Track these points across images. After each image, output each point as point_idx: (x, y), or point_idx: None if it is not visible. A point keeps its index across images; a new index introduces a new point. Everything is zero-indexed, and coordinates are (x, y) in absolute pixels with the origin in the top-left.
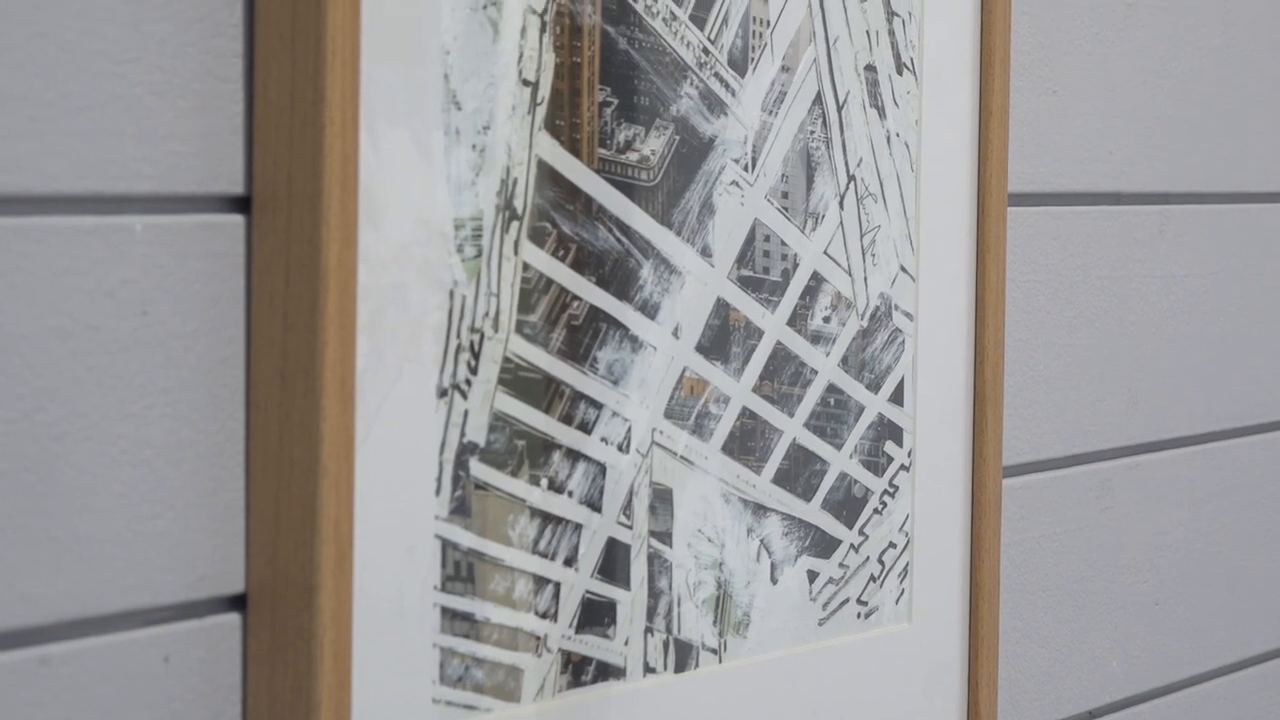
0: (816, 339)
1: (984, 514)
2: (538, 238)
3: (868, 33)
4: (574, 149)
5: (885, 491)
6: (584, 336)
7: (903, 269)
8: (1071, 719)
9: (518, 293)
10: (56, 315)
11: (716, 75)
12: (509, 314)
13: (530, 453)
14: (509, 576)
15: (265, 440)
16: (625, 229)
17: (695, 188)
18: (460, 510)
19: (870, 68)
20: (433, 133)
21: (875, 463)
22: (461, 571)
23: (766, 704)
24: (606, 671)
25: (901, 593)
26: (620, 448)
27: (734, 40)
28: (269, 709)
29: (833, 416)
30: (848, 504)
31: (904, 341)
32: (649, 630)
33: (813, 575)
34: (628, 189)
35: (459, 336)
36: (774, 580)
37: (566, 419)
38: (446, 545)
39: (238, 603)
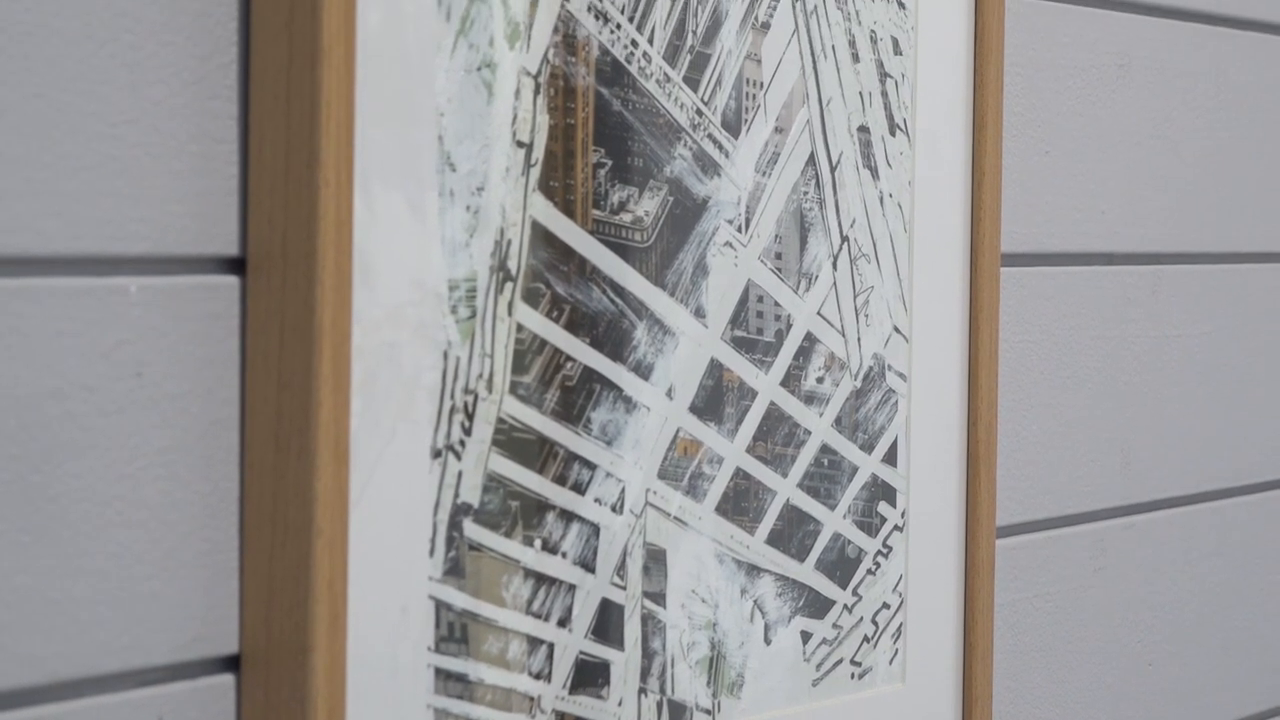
0: (810, 399)
1: (977, 574)
2: (532, 299)
3: (861, 94)
4: (568, 210)
5: (879, 552)
6: (578, 397)
7: (896, 329)
8: None
9: (512, 354)
10: (52, 376)
11: (710, 136)
12: (503, 375)
13: (524, 513)
14: (503, 637)
15: (259, 501)
16: (619, 290)
17: (689, 249)
18: (454, 571)
19: (863, 129)
20: (427, 194)
21: (869, 523)
22: (455, 632)
23: None
24: None
25: (895, 653)
26: (614, 508)
27: (727, 101)
28: None
29: (826, 477)
30: (841, 564)
31: (897, 402)
32: (643, 691)
33: (806, 636)
34: (621, 250)
35: (453, 398)
36: (768, 641)
37: (560, 480)
38: (440, 606)
39: (232, 663)
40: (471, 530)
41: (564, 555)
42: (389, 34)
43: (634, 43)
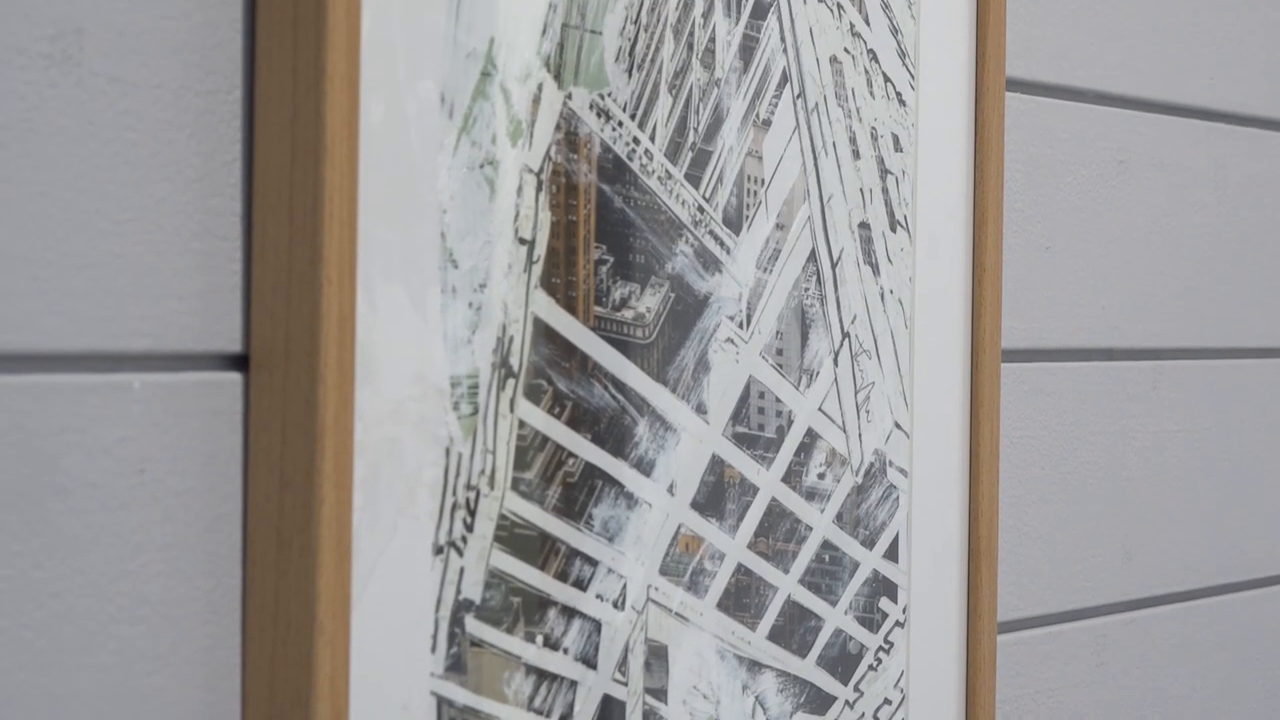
0: (811, 495)
1: (979, 670)
2: (534, 395)
3: (861, 190)
4: (570, 307)
5: (880, 648)
6: (579, 493)
7: (897, 425)
8: None
9: (513, 450)
10: (55, 472)
11: (711, 233)
12: (505, 471)
13: (526, 610)
14: None
15: (261, 597)
16: (621, 386)
17: (690, 345)
18: (456, 667)
19: (864, 225)
20: (429, 290)
21: (870, 619)
22: None
23: None
24: None
25: None
26: (615, 604)
27: (729, 198)
28: None
29: (827, 573)
30: (843, 660)
31: (898, 498)
32: None
33: None
34: (623, 346)
35: (455, 494)
36: None
37: (562, 576)
38: (442, 703)
39: None
40: (473, 626)
41: (566, 651)
42: (392, 131)
43: (636, 140)
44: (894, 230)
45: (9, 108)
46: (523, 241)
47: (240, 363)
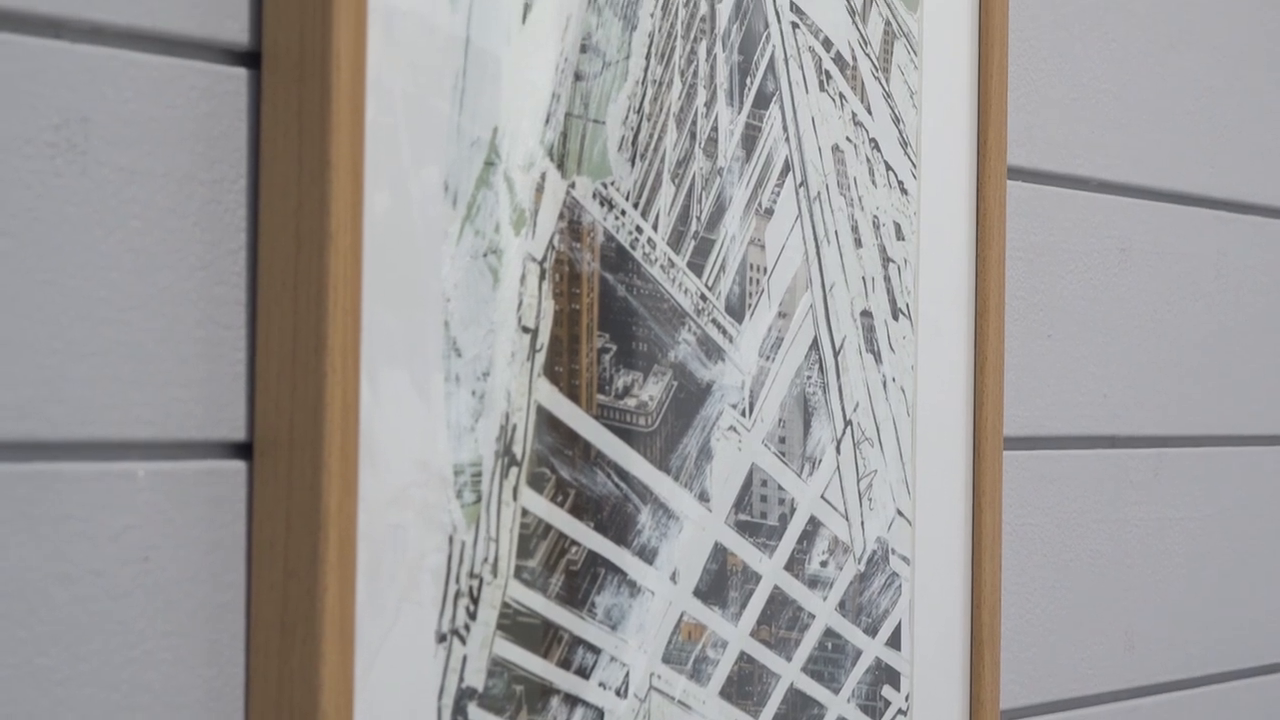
0: (814, 583)
1: None
2: (537, 483)
3: (863, 279)
4: (573, 395)
5: None
6: (582, 581)
7: (899, 513)
8: None
9: (516, 538)
10: (59, 561)
11: (714, 321)
12: (508, 559)
13: (529, 698)
14: None
15: (264, 686)
16: (624, 474)
17: (693, 433)
18: None
19: (866, 313)
20: (433, 378)
21: (873, 707)
22: None
23: None
24: None
25: None
26: (618, 692)
27: (731, 287)
28: None
29: (830, 661)
30: None
31: (901, 585)
32: None
33: None
34: (626, 434)
35: (458, 582)
36: None
37: (564, 664)
38: None
39: None
40: (476, 715)
41: None
42: (396, 218)
43: (639, 229)
44: (896, 318)
45: (15, 196)
46: (526, 330)
47: (244, 450)
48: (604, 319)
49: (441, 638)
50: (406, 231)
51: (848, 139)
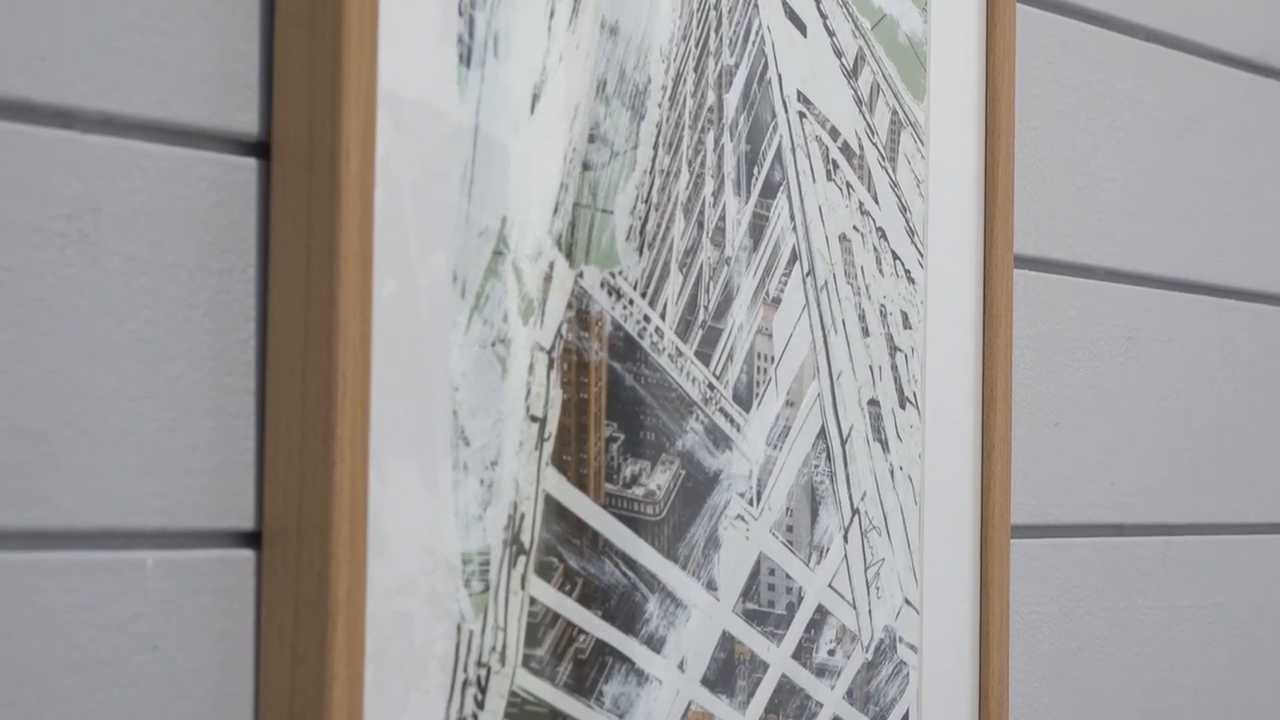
0: (821, 672)
1: None
2: (545, 572)
3: (870, 368)
4: (581, 484)
5: None
6: (590, 670)
7: (907, 601)
8: None
9: (524, 627)
10: (68, 649)
11: (722, 410)
12: (515, 648)
13: None
14: None
15: None
16: (631, 563)
17: (701, 522)
18: None
19: (873, 402)
20: (441, 467)
21: None
22: None
23: None
24: None
25: None
26: None
27: (739, 376)
28: None
29: None
30: None
31: (909, 674)
32: None
33: None
34: (634, 523)
35: (466, 671)
36: None
37: None
38: None
39: None
40: None
41: None
42: (404, 306)
43: (646, 318)
44: (903, 407)
45: (26, 286)
46: (534, 419)
47: (253, 540)
48: (612, 408)
49: None
50: (415, 320)
51: (855, 228)
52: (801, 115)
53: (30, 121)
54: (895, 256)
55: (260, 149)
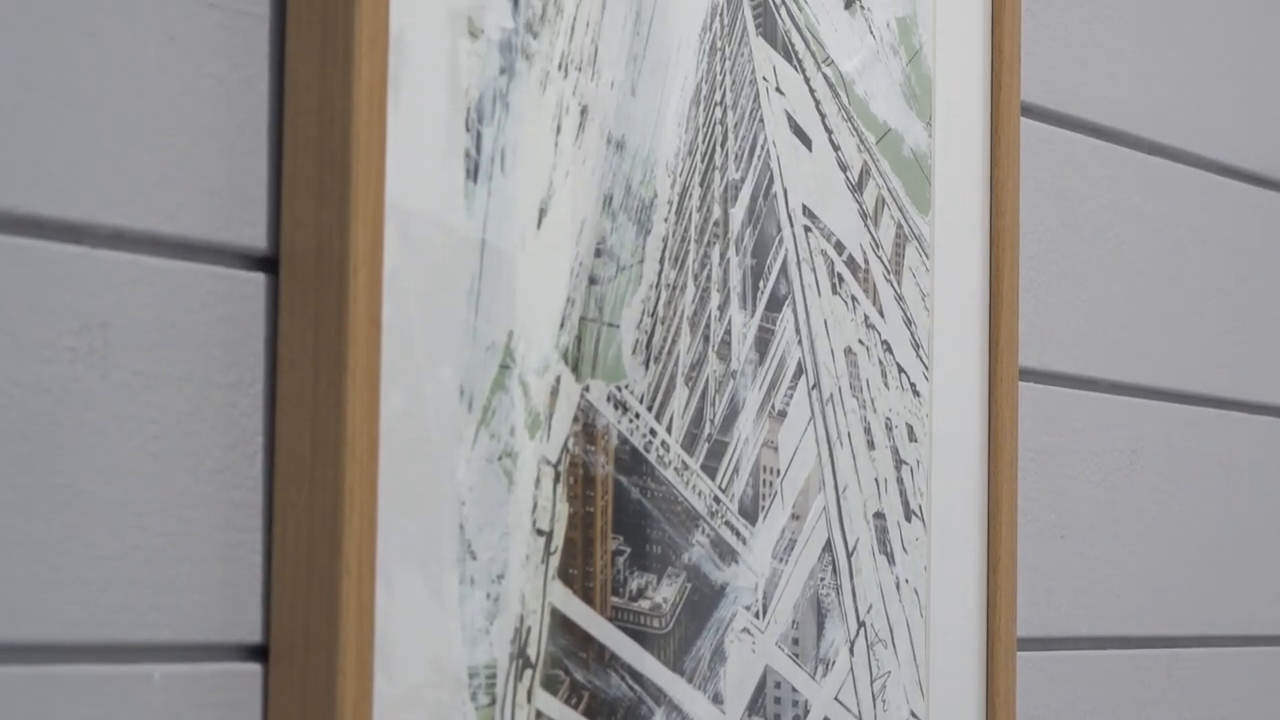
0: None
1: None
2: (551, 685)
3: (876, 480)
4: (587, 597)
5: None
6: None
7: (913, 715)
8: None
9: None
10: None
11: (727, 523)
12: None
13: None
14: None
15: None
16: (637, 676)
17: (707, 635)
18: None
19: (879, 515)
20: (447, 580)
21: None
22: None
23: None
24: None
25: None
26: None
27: (744, 489)
28: None
29: None
30: None
31: None
32: None
33: None
34: (640, 636)
35: None
36: None
37: None
38: None
39: None
40: None
41: None
42: (411, 419)
43: (652, 431)
44: (909, 520)
45: (35, 400)
46: (540, 533)
47: (260, 654)
48: (618, 521)
49: None
50: (421, 434)
51: (860, 341)
52: (807, 229)
53: (40, 236)
54: (900, 370)
55: (269, 263)
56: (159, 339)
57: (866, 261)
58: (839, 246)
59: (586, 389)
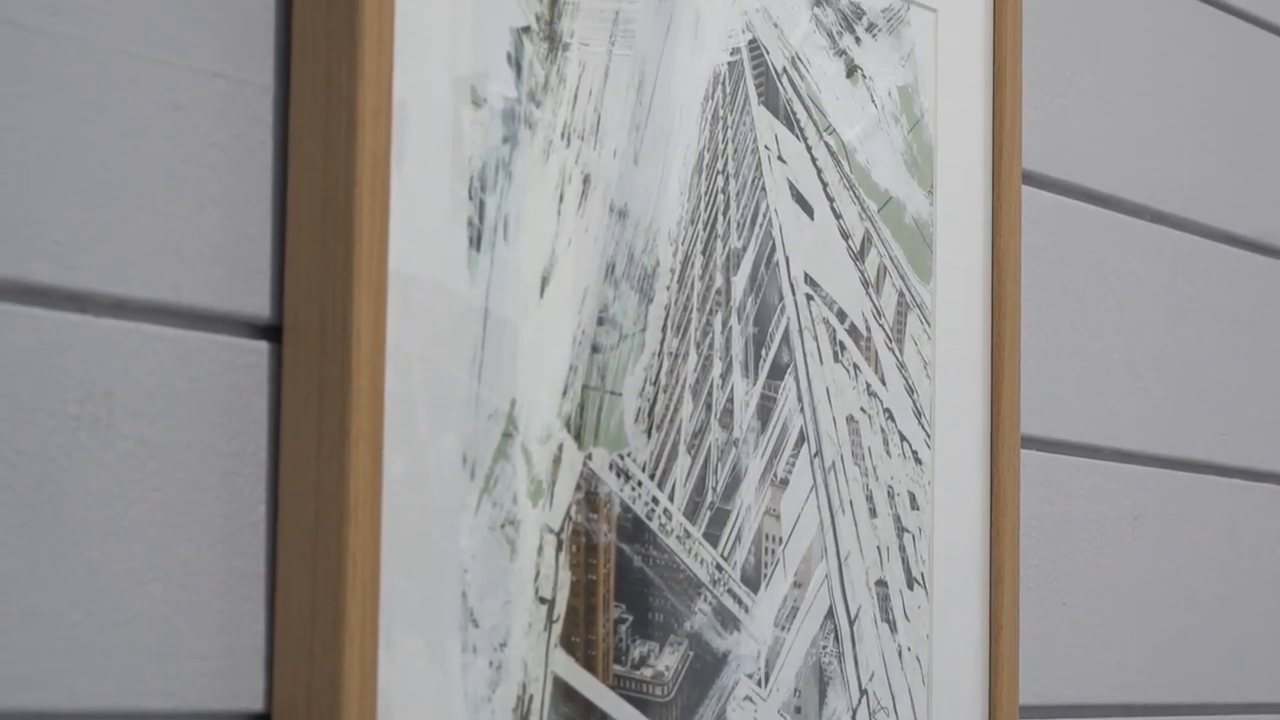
0: None
1: None
2: None
3: (878, 548)
4: (589, 665)
5: None
6: None
7: None
8: None
9: None
10: None
11: (730, 591)
12: None
13: None
14: None
15: None
16: None
17: (709, 703)
18: None
19: (881, 583)
20: (450, 647)
21: None
22: None
23: None
24: None
25: None
26: None
27: (746, 557)
28: None
29: None
30: None
31: None
32: None
33: None
34: (642, 704)
35: None
36: None
37: None
38: None
39: None
40: None
41: None
42: (414, 486)
43: (655, 499)
44: (911, 587)
45: (39, 469)
46: (543, 601)
47: None
48: (620, 589)
49: None
50: (424, 501)
51: (862, 409)
52: (809, 297)
53: (44, 305)
54: (902, 437)
55: (272, 332)
56: (162, 407)
57: (868, 329)
58: (841, 315)
59: (589, 457)
